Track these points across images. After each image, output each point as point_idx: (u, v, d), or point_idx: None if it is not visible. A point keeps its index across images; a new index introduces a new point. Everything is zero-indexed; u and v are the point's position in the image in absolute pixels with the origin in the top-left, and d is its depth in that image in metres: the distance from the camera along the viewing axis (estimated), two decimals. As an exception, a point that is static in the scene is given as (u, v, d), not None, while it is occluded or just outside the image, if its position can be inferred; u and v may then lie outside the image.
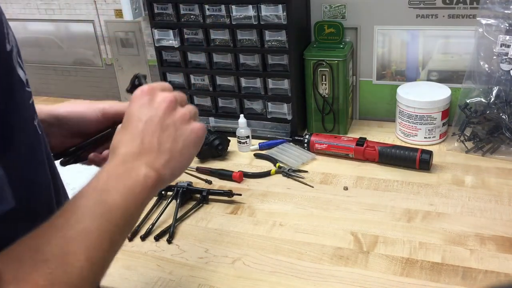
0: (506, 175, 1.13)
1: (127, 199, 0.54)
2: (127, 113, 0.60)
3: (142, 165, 0.56)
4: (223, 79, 1.34)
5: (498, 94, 1.16)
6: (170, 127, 0.60)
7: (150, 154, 0.57)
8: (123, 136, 0.59)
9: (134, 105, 0.60)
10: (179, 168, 0.61)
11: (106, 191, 0.53)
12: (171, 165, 0.59)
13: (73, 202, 0.52)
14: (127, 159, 0.56)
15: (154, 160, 0.57)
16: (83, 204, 0.52)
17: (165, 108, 0.60)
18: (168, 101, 0.60)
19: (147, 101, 0.60)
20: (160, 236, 1.02)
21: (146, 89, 0.61)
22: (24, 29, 1.70)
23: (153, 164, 0.57)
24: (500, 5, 1.14)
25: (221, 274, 0.91)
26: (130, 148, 0.57)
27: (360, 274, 0.89)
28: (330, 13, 1.35)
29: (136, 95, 0.60)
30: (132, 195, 0.54)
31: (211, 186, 1.18)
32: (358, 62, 1.38)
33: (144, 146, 0.58)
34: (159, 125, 0.59)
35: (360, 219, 1.03)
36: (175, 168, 0.60)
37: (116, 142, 0.59)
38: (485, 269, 0.87)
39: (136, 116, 0.59)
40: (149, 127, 0.58)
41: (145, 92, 0.60)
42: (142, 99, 0.60)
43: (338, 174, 1.18)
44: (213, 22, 1.27)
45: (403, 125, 1.28)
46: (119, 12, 1.53)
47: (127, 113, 0.60)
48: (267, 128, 1.36)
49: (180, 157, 0.60)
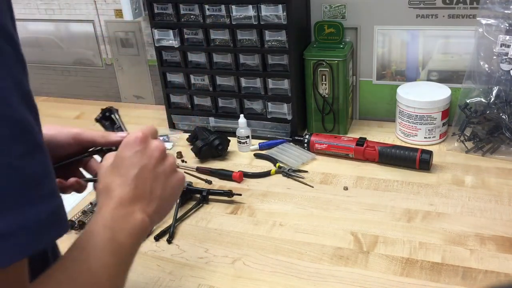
0: (506, 175, 1.13)
1: (132, 240, 0.58)
2: (118, 157, 0.62)
3: (137, 210, 0.59)
4: (223, 79, 1.34)
5: (498, 94, 1.16)
6: (161, 175, 0.63)
7: (143, 200, 0.61)
8: (115, 178, 0.61)
9: (127, 150, 0.62)
10: (164, 214, 0.66)
11: (115, 231, 0.57)
12: (159, 211, 0.63)
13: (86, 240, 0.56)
14: (124, 203, 0.59)
15: (146, 207, 0.61)
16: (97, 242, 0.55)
17: (157, 157, 0.63)
18: (160, 150, 0.63)
19: (141, 148, 0.62)
20: (160, 236, 1.02)
21: (141, 137, 0.63)
22: (24, 29, 1.70)
23: (145, 210, 0.60)
24: (500, 5, 1.14)
25: (221, 274, 0.91)
26: (125, 193, 0.60)
27: (360, 274, 0.89)
28: (330, 13, 1.35)
29: (130, 141, 0.62)
30: (135, 236, 0.58)
31: (211, 186, 1.18)
32: (358, 62, 1.38)
33: (137, 192, 0.60)
34: (152, 173, 0.62)
35: (360, 219, 1.03)
36: (162, 214, 0.65)
37: (108, 182, 0.61)
38: (485, 269, 0.87)
39: (129, 161, 0.61)
40: (143, 175, 0.61)
41: (139, 140, 0.62)
42: (136, 146, 0.62)
43: (338, 174, 1.18)
44: (213, 22, 1.27)
45: (403, 125, 1.28)
46: (119, 12, 1.53)
47: (118, 156, 0.62)
48: (267, 128, 1.36)
49: (167, 204, 0.65)
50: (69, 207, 1.14)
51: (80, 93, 1.73)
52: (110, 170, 0.62)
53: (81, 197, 1.17)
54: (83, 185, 0.73)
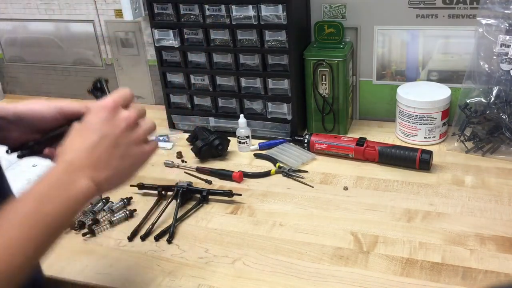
0: (506, 175, 1.13)
1: (66, 208, 0.58)
2: (85, 121, 0.63)
3: (85, 177, 0.60)
4: (223, 79, 1.34)
5: (498, 94, 1.16)
6: (122, 146, 0.63)
7: (96, 168, 0.61)
8: (74, 142, 0.62)
9: (94, 116, 0.62)
10: (118, 184, 0.65)
11: (47, 199, 0.57)
12: (112, 181, 0.63)
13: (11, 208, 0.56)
14: (71, 168, 0.60)
15: (98, 174, 0.61)
16: (19, 211, 0.56)
17: (123, 128, 0.63)
18: (128, 122, 0.63)
19: (108, 117, 0.62)
20: (160, 236, 1.02)
21: (110, 105, 0.63)
22: (24, 29, 1.70)
23: (96, 178, 0.61)
24: (500, 5, 1.14)
25: (221, 274, 0.91)
26: (76, 158, 0.60)
27: (360, 274, 0.89)
28: (330, 13, 1.35)
29: (98, 108, 0.63)
30: (72, 204, 0.59)
31: (211, 186, 1.18)
32: (358, 62, 1.38)
33: (92, 159, 0.61)
34: (112, 143, 0.62)
35: (360, 219, 1.03)
36: (115, 184, 0.64)
37: (66, 145, 0.62)
38: (485, 269, 0.87)
39: (93, 127, 0.62)
40: (103, 143, 0.61)
41: (108, 108, 0.62)
42: (103, 113, 0.62)
43: (338, 174, 1.18)
44: (213, 22, 1.27)
45: (403, 125, 1.28)
46: (119, 12, 1.53)
47: (85, 121, 0.63)
48: (267, 128, 1.36)
49: (123, 175, 0.64)
50: (69, 207, 1.14)
51: (80, 93, 1.73)
52: (73, 134, 0.63)
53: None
54: None
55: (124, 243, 1.02)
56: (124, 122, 0.63)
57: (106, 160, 0.61)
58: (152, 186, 1.16)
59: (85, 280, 0.93)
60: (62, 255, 0.99)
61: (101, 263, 0.97)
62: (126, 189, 1.18)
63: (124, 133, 0.63)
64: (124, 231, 1.05)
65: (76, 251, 1.00)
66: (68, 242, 1.04)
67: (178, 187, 1.12)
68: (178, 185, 1.13)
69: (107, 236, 1.04)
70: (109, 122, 0.62)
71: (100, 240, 1.03)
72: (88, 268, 0.96)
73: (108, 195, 1.16)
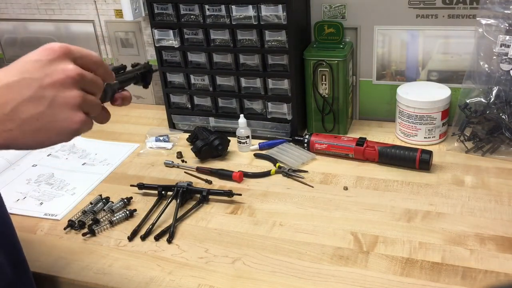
0: (506, 175, 1.13)
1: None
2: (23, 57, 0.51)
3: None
4: (223, 79, 1.34)
5: (498, 94, 1.16)
6: (44, 101, 0.50)
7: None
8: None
9: (33, 54, 0.51)
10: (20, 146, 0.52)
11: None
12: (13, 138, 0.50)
13: None
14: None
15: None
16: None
17: (55, 79, 0.50)
18: (65, 75, 0.51)
19: (46, 60, 0.51)
20: (160, 236, 1.02)
21: (56, 48, 0.51)
22: (24, 29, 1.70)
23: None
24: (500, 5, 1.14)
25: (221, 274, 0.91)
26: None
27: (360, 274, 0.89)
28: (330, 13, 1.35)
29: (43, 48, 0.51)
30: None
31: (211, 186, 1.18)
32: (358, 62, 1.38)
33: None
34: (33, 92, 0.49)
35: (360, 219, 1.03)
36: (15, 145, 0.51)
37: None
38: (485, 269, 0.87)
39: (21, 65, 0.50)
40: (21, 89, 0.49)
41: (53, 51, 0.51)
42: (43, 55, 0.51)
43: (338, 174, 1.18)
44: (213, 22, 1.27)
45: (403, 125, 1.28)
46: (119, 12, 1.53)
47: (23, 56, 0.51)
48: (267, 128, 1.36)
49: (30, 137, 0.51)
50: (69, 207, 1.14)
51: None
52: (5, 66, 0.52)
53: (81, 197, 1.17)
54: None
55: (124, 243, 1.02)
56: (61, 73, 0.51)
57: (14, 109, 0.49)
58: (152, 186, 1.16)
59: (85, 280, 0.93)
60: (62, 255, 1.00)
61: (101, 263, 0.97)
62: (126, 189, 1.18)
63: (53, 86, 0.50)
64: (124, 231, 1.05)
65: (76, 251, 1.00)
66: (68, 242, 1.04)
67: (178, 187, 1.12)
68: (178, 185, 1.13)
69: (107, 236, 1.04)
70: (42, 66, 0.50)
71: (100, 240, 1.03)
72: (88, 268, 0.96)
73: (108, 195, 1.16)
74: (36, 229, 1.08)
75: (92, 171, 1.27)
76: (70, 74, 0.51)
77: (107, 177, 1.25)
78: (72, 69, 0.51)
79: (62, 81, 0.51)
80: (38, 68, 0.50)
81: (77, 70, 0.52)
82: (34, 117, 0.50)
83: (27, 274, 0.86)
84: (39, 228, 1.08)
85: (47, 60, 0.50)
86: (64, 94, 0.51)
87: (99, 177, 1.25)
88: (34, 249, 1.01)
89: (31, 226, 1.08)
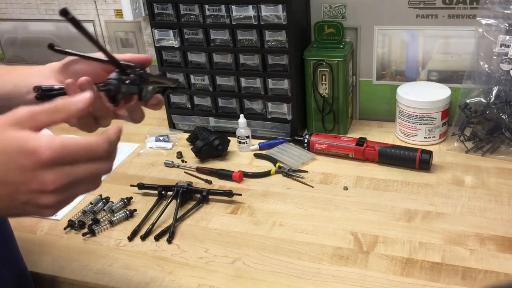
0: (506, 175, 1.13)
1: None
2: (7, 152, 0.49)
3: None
4: (223, 79, 1.34)
5: (498, 94, 1.16)
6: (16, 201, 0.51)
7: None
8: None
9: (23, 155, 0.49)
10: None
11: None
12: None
13: None
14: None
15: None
16: None
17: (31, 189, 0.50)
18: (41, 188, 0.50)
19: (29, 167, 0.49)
20: (160, 236, 1.02)
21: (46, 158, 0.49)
22: (24, 29, 1.70)
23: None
24: (500, 5, 1.14)
25: (221, 274, 0.91)
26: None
27: (360, 274, 0.89)
28: (330, 13, 1.35)
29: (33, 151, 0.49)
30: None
31: (211, 186, 1.18)
32: (358, 62, 1.38)
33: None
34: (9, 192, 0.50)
35: (360, 219, 1.03)
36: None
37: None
38: (485, 269, 0.87)
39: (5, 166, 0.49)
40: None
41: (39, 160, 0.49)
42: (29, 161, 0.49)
43: (338, 174, 1.18)
44: (213, 22, 1.27)
45: (403, 125, 1.28)
46: (119, 12, 1.53)
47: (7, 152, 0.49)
48: (267, 128, 1.36)
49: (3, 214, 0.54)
50: (69, 207, 1.14)
51: (80, 93, 1.73)
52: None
53: (81, 197, 1.17)
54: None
55: (124, 243, 1.02)
56: (38, 185, 0.50)
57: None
58: (152, 186, 1.16)
59: (85, 280, 0.93)
60: (62, 255, 1.00)
61: (101, 263, 0.97)
62: (126, 189, 1.18)
63: (28, 193, 0.50)
64: (124, 231, 1.05)
65: (76, 251, 1.00)
66: (68, 242, 1.04)
67: (178, 187, 1.12)
68: (178, 185, 1.13)
69: (107, 236, 1.04)
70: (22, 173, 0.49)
71: (100, 240, 1.03)
72: (88, 268, 0.96)
73: (108, 195, 1.16)
74: (36, 229, 1.08)
75: (92, 171, 1.27)
76: (46, 188, 0.50)
77: (107, 177, 1.25)
78: (50, 183, 0.50)
79: (36, 191, 0.50)
80: (18, 174, 0.49)
81: (55, 185, 0.50)
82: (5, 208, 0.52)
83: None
84: (39, 228, 1.08)
85: (29, 168, 0.49)
86: (36, 199, 0.51)
87: (99, 177, 1.25)
88: (34, 249, 1.01)
89: (31, 226, 1.08)
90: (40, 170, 0.49)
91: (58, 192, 0.51)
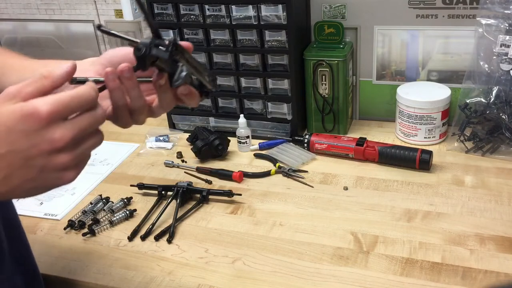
0: (506, 175, 1.13)
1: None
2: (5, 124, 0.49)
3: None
4: (223, 79, 1.34)
5: (498, 94, 1.16)
6: (33, 168, 0.51)
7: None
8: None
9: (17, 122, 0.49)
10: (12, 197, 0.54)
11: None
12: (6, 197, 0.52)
13: None
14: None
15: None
16: None
17: (43, 150, 0.50)
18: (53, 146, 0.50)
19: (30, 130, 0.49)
20: (160, 236, 1.02)
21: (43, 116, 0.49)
22: (24, 29, 1.70)
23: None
24: (500, 5, 1.14)
25: (221, 274, 0.91)
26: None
27: (360, 274, 0.89)
28: (330, 13, 1.35)
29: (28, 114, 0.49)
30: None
31: (211, 186, 1.18)
32: (358, 62, 1.38)
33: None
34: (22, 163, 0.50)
35: (360, 219, 1.03)
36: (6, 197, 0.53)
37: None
38: (485, 269, 0.87)
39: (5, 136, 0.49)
40: (9, 159, 0.49)
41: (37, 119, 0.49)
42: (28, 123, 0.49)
43: (338, 174, 1.18)
44: (213, 22, 1.27)
45: (403, 125, 1.28)
46: (119, 12, 1.53)
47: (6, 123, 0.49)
48: (267, 128, 1.36)
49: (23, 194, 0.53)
50: (69, 207, 1.14)
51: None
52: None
53: (81, 197, 1.17)
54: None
55: (124, 243, 1.02)
56: (48, 144, 0.50)
57: (7, 177, 0.50)
58: (152, 186, 1.16)
59: (85, 280, 0.93)
60: (62, 255, 1.00)
61: (101, 263, 0.97)
62: (126, 189, 1.18)
63: (42, 156, 0.50)
64: (124, 231, 1.05)
65: (76, 251, 1.00)
66: (68, 242, 1.04)
67: (178, 187, 1.12)
68: (178, 185, 1.13)
69: (107, 236, 1.04)
70: (29, 137, 0.49)
71: (100, 240, 1.03)
72: (88, 268, 0.96)
73: (108, 195, 1.16)
74: (36, 229, 1.08)
75: (92, 171, 1.27)
76: (57, 145, 0.50)
77: (107, 177, 1.25)
78: (58, 139, 0.50)
79: (49, 151, 0.50)
80: (24, 139, 0.49)
81: (64, 139, 0.50)
82: (26, 181, 0.51)
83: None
84: (39, 228, 1.08)
85: (33, 130, 0.49)
86: (53, 161, 0.51)
87: (99, 177, 1.25)
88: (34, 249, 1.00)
89: (31, 226, 1.08)
90: (44, 129, 0.49)
91: (69, 149, 0.51)
